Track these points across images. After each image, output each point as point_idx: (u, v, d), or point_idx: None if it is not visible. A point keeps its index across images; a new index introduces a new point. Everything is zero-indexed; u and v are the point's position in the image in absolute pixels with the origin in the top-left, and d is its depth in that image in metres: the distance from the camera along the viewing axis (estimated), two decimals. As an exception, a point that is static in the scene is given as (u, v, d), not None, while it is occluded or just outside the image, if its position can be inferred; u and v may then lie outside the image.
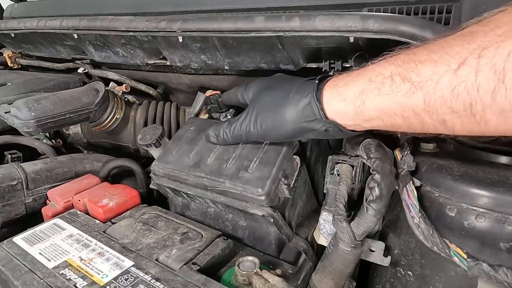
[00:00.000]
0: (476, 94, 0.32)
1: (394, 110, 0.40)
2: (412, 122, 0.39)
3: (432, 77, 0.35)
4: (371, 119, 0.43)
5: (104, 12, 1.10)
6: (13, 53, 1.31)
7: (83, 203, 0.70)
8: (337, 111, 0.46)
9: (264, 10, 0.86)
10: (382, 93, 0.40)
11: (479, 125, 0.34)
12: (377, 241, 0.56)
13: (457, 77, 0.33)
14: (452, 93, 0.34)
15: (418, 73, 0.37)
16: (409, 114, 0.39)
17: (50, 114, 0.77)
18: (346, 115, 0.45)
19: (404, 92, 0.38)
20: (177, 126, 0.97)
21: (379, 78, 0.41)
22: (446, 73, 0.34)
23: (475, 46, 0.32)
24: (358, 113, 0.43)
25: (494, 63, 0.31)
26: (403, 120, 0.40)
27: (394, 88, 0.39)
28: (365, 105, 0.42)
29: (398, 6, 0.72)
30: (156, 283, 0.48)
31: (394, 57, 0.41)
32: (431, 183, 0.51)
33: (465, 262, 0.45)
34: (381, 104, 0.41)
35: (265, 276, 0.49)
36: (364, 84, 0.42)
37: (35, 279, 0.50)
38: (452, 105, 0.34)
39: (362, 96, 0.42)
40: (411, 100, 0.38)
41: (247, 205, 0.57)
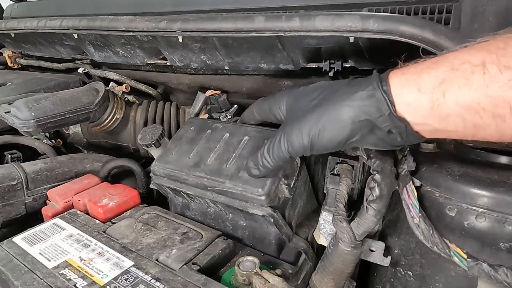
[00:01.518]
0: None
1: (484, 106, 0.33)
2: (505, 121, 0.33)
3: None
4: (449, 117, 0.36)
5: (104, 12, 1.10)
6: (13, 53, 1.31)
7: (83, 203, 0.70)
8: (408, 104, 0.37)
9: (264, 10, 0.86)
10: (470, 84, 0.33)
11: None
12: (377, 241, 0.56)
13: None
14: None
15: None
16: (503, 111, 0.32)
17: (50, 114, 0.77)
18: (418, 109, 0.37)
19: (503, 83, 0.31)
20: (177, 126, 0.97)
21: (466, 66, 0.34)
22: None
23: None
24: (434, 107, 0.36)
25: None
26: (493, 119, 0.33)
27: (488, 78, 0.32)
28: (444, 98, 0.35)
29: (398, 6, 0.72)
30: (156, 283, 0.48)
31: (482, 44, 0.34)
32: (431, 183, 0.51)
33: (465, 262, 0.45)
34: (467, 97, 0.34)
35: (265, 276, 0.49)
36: (445, 72, 0.35)
37: (35, 279, 0.50)
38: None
39: (442, 86, 0.35)
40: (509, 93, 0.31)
41: (247, 205, 0.57)
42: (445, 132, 0.38)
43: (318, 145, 0.44)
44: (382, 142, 0.42)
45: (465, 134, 0.37)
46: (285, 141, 0.46)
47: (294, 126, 0.45)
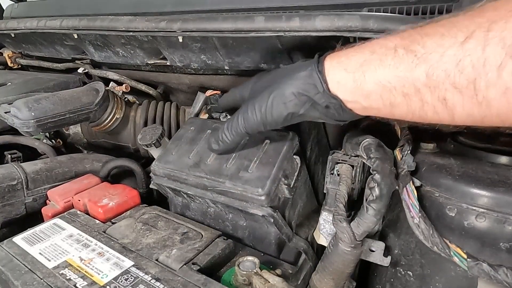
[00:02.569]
0: (481, 69, 0.31)
1: (395, 85, 0.38)
2: (412, 100, 0.37)
3: (437, 49, 0.34)
4: (370, 94, 0.40)
5: (104, 12, 1.10)
6: (13, 53, 1.31)
7: (83, 203, 0.70)
8: (337, 82, 0.43)
9: (264, 10, 0.86)
10: (383, 65, 0.38)
11: (481, 105, 0.33)
12: (377, 241, 0.56)
13: (464, 50, 0.32)
14: (456, 67, 0.32)
15: (423, 45, 0.35)
16: (409, 90, 0.37)
17: (50, 114, 0.77)
18: (346, 87, 0.42)
19: (407, 65, 0.36)
20: (177, 126, 0.97)
21: (382, 50, 0.39)
22: (452, 46, 0.33)
23: (484, 20, 0.31)
24: (357, 86, 0.41)
25: (503, 37, 0.29)
26: (403, 98, 0.38)
27: (396, 60, 0.37)
28: (365, 77, 0.40)
29: (398, 6, 0.72)
30: (156, 283, 0.48)
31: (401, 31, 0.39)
32: (431, 183, 0.51)
33: (465, 262, 0.45)
34: (381, 76, 0.38)
35: (265, 276, 0.49)
36: (366, 55, 0.40)
37: (35, 279, 0.50)
38: (455, 80, 0.33)
39: (363, 67, 0.40)
40: (413, 74, 0.36)
41: (247, 205, 0.57)
42: (371, 109, 0.43)
43: (269, 120, 0.50)
44: (325, 116, 0.47)
45: (386, 112, 0.41)
46: (242, 118, 0.52)
47: (249, 104, 0.51)
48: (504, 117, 0.33)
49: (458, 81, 0.33)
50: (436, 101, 0.35)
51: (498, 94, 0.31)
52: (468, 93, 0.33)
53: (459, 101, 0.34)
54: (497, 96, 0.31)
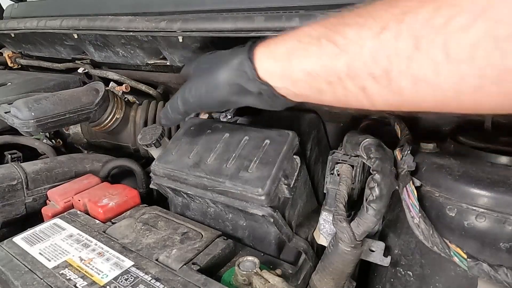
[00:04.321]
0: (394, 59, 0.32)
1: (319, 73, 0.39)
2: (336, 88, 0.39)
3: (356, 40, 0.35)
4: (298, 82, 0.42)
5: (104, 12, 1.10)
6: (13, 53, 1.31)
7: (83, 203, 0.70)
8: (266, 70, 0.44)
9: (264, 10, 0.86)
10: (308, 54, 0.39)
11: (395, 94, 0.35)
12: (377, 241, 0.56)
13: (379, 42, 0.33)
14: (373, 58, 0.34)
15: (344, 36, 0.36)
16: (333, 79, 0.38)
17: (50, 114, 0.77)
18: (274, 74, 0.44)
19: (329, 55, 0.37)
20: (177, 126, 0.97)
21: (307, 39, 0.40)
22: (369, 37, 0.34)
23: (398, 11, 0.32)
24: (285, 74, 0.42)
25: (412, 29, 0.31)
26: (328, 86, 0.39)
27: (320, 50, 0.38)
28: (291, 65, 0.41)
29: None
30: (156, 283, 0.48)
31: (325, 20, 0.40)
32: (431, 183, 0.51)
33: (465, 262, 0.45)
34: (306, 65, 0.40)
35: (265, 276, 0.49)
36: (293, 43, 0.41)
37: (35, 279, 0.50)
38: (372, 70, 0.34)
39: (289, 56, 0.41)
40: (335, 63, 0.37)
41: (247, 205, 0.57)
42: (301, 96, 0.44)
43: (204, 104, 0.52)
44: (259, 103, 0.48)
45: (315, 98, 0.42)
46: (180, 100, 0.55)
47: (187, 88, 0.53)
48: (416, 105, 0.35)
49: (374, 71, 0.34)
50: (357, 89, 0.37)
51: (409, 84, 0.33)
52: (384, 82, 0.34)
53: (376, 89, 0.35)
54: (408, 86, 0.33)
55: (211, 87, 0.50)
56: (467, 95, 0.31)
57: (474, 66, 0.29)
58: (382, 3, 0.35)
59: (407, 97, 0.34)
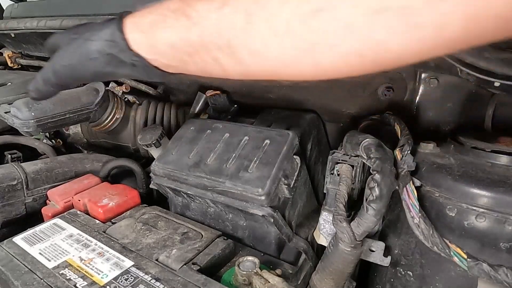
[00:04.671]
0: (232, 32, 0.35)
1: (179, 45, 0.40)
2: (195, 58, 0.40)
3: (204, 14, 0.37)
4: (164, 53, 0.43)
5: (104, 12, 1.10)
6: (13, 53, 1.31)
7: (83, 203, 0.70)
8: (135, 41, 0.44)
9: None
10: (167, 26, 0.41)
11: (240, 64, 0.37)
12: (377, 241, 0.56)
13: (221, 15, 0.35)
14: (217, 30, 0.36)
15: (195, 9, 0.38)
16: (191, 50, 0.40)
17: (50, 114, 0.77)
18: (142, 46, 0.44)
19: (184, 27, 0.39)
20: (177, 126, 0.97)
21: (167, 12, 0.41)
22: (214, 10, 0.36)
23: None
24: (152, 45, 0.43)
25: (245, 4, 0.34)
26: (188, 57, 0.41)
27: (176, 23, 0.40)
28: (155, 38, 0.42)
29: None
30: (156, 283, 0.48)
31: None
32: (431, 183, 0.51)
33: (465, 262, 0.45)
34: (166, 37, 0.41)
35: (265, 276, 0.49)
36: (156, 15, 0.42)
37: (35, 279, 0.50)
38: (218, 42, 0.36)
39: (152, 28, 0.42)
40: (189, 35, 0.39)
41: (247, 205, 0.57)
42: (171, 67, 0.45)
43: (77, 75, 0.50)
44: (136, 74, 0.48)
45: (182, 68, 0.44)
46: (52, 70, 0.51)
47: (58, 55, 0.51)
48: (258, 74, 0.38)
49: (220, 43, 0.36)
50: (211, 60, 0.39)
51: (247, 55, 0.36)
52: (229, 53, 0.36)
53: (226, 60, 0.38)
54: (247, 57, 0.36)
55: (83, 57, 0.48)
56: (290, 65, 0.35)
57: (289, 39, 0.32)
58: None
59: (249, 67, 0.37)
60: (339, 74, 0.34)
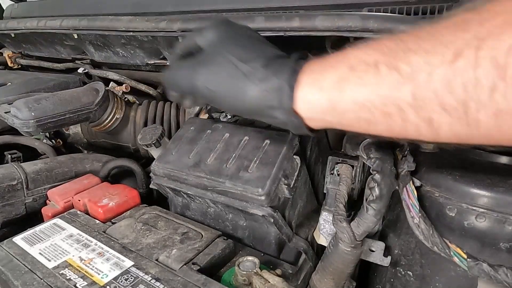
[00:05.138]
0: (472, 90, 0.29)
1: (375, 104, 0.35)
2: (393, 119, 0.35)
3: (424, 68, 0.31)
4: (345, 114, 0.38)
5: (104, 12, 1.10)
6: (13, 53, 1.31)
7: (83, 203, 0.70)
8: (308, 102, 0.39)
9: (264, 10, 0.86)
10: (364, 83, 0.35)
11: (469, 127, 0.31)
12: (377, 241, 0.56)
13: (453, 70, 0.30)
14: (446, 88, 0.30)
15: (408, 63, 0.32)
16: (391, 110, 0.34)
17: (50, 114, 0.77)
18: (316, 107, 0.39)
19: (391, 84, 0.33)
20: (177, 126, 0.97)
21: (362, 66, 0.36)
22: (440, 65, 0.30)
23: (471, 36, 0.29)
24: (331, 106, 0.38)
25: (494, 56, 0.27)
26: (383, 117, 0.35)
27: (379, 78, 0.34)
28: (342, 96, 0.37)
29: (398, 6, 0.72)
30: (156, 283, 0.48)
31: (379, 43, 0.36)
32: (431, 183, 0.51)
33: (465, 262, 0.45)
34: (360, 96, 0.35)
35: (265, 276, 0.49)
36: (344, 71, 0.37)
37: (35, 279, 0.50)
38: (444, 101, 0.31)
39: (340, 85, 0.37)
40: (397, 93, 0.33)
41: (247, 205, 0.57)
42: (339, 126, 0.40)
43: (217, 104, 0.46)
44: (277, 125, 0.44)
45: (359, 128, 0.38)
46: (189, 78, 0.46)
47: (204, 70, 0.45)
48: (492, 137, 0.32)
49: (447, 102, 0.31)
50: (420, 121, 0.33)
51: (488, 116, 0.30)
52: (457, 114, 0.31)
53: (446, 121, 0.32)
54: (487, 118, 0.30)
55: (233, 95, 0.43)
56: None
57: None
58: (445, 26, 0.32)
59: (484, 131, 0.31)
60: None
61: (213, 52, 0.46)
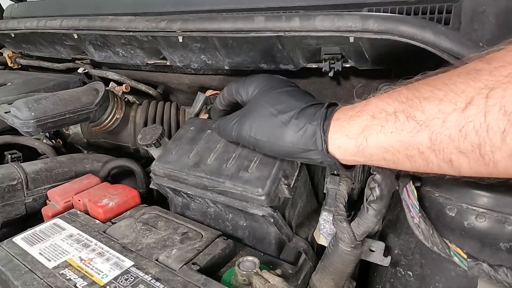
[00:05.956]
0: (485, 135, 0.31)
1: (398, 148, 0.39)
2: (416, 160, 0.38)
3: (438, 115, 0.34)
4: (372, 156, 0.42)
5: (104, 12, 1.10)
6: (13, 53, 1.31)
7: (83, 203, 0.70)
8: (338, 146, 0.44)
9: (264, 10, 0.86)
10: (385, 130, 0.39)
11: (488, 166, 0.33)
12: (377, 241, 0.56)
13: (465, 117, 0.32)
14: (460, 133, 0.33)
15: (423, 111, 0.36)
16: (413, 153, 0.38)
17: (50, 114, 0.77)
18: (346, 151, 0.44)
19: (409, 131, 0.37)
20: (177, 126, 0.97)
21: (382, 115, 0.40)
22: (453, 112, 0.33)
23: (482, 85, 0.32)
24: (359, 150, 0.42)
25: (503, 105, 0.30)
26: (406, 159, 0.39)
27: (398, 126, 0.38)
28: (367, 142, 0.41)
29: (398, 6, 0.72)
30: (156, 283, 0.48)
31: (397, 92, 0.40)
32: (431, 183, 0.51)
33: (465, 262, 0.45)
34: (383, 142, 0.39)
35: (265, 276, 0.49)
36: (367, 120, 0.41)
37: (35, 279, 0.50)
38: (459, 145, 0.33)
39: (364, 132, 0.41)
40: (416, 139, 0.36)
41: (247, 205, 0.57)
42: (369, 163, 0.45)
43: (259, 149, 0.53)
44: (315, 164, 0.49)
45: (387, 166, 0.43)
46: (236, 129, 0.54)
47: (248, 122, 0.52)
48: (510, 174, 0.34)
49: (462, 145, 0.33)
50: (441, 162, 0.36)
51: (504, 158, 0.32)
52: (474, 156, 0.33)
53: (465, 162, 0.34)
54: (503, 159, 0.32)
55: (272, 141, 0.49)
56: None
57: None
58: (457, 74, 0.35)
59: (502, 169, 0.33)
60: None
61: (255, 105, 0.53)
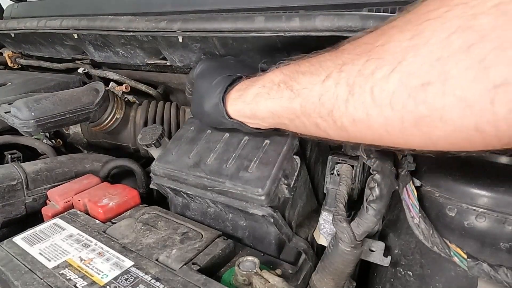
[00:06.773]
0: (335, 102, 0.38)
1: (281, 112, 0.46)
2: (296, 123, 0.45)
3: (307, 86, 0.41)
4: (265, 118, 0.50)
5: (104, 12, 1.10)
6: (13, 53, 1.31)
7: (83, 203, 0.70)
8: (238, 111, 0.53)
9: (264, 10, 0.86)
10: (270, 97, 0.47)
11: (342, 130, 0.39)
12: (377, 241, 0.56)
13: (324, 87, 0.39)
14: (319, 101, 0.39)
15: (298, 82, 0.43)
16: (292, 117, 0.45)
17: (50, 114, 0.77)
18: (244, 115, 0.53)
19: (287, 98, 0.44)
20: (177, 126, 0.97)
21: (270, 84, 0.48)
22: (317, 83, 0.40)
23: (340, 62, 0.37)
24: (253, 113, 0.51)
25: (348, 77, 0.36)
26: (289, 121, 0.46)
27: (279, 94, 0.45)
28: (258, 107, 0.49)
29: (398, 6, 0.72)
30: (156, 283, 0.48)
31: (285, 66, 0.47)
32: (431, 183, 0.51)
33: (465, 262, 0.45)
34: (269, 106, 0.47)
35: (265, 276, 0.49)
36: (258, 88, 0.49)
37: (35, 279, 0.50)
38: (320, 111, 0.40)
39: (256, 99, 0.49)
40: (292, 105, 0.43)
41: (247, 205, 0.57)
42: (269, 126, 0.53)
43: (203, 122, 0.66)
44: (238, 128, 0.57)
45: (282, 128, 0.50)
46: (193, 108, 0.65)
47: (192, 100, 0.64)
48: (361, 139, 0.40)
49: (321, 111, 0.40)
50: (312, 125, 0.42)
51: (349, 123, 0.37)
52: (330, 120, 0.39)
53: (326, 126, 0.41)
54: (349, 124, 0.38)
55: (201, 113, 0.60)
56: (395, 135, 0.35)
57: (395, 111, 0.33)
58: (330, 54, 0.41)
59: (351, 134, 0.39)
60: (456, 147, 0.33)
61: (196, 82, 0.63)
